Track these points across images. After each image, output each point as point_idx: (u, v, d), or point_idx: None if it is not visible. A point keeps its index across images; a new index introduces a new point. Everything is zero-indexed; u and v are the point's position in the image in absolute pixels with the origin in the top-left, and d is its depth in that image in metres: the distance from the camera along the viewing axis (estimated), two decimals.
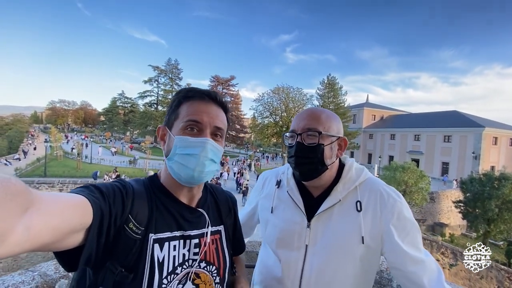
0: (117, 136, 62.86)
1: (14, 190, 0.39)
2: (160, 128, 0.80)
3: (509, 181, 16.52)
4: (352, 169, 1.01)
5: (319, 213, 0.95)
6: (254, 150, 49.39)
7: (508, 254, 17.06)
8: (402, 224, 0.89)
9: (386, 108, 51.45)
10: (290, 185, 1.05)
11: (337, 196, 0.95)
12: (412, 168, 19.28)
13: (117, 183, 0.70)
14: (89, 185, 0.62)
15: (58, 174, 20.83)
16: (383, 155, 40.50)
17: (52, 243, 0.48)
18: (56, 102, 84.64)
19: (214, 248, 0.81)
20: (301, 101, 37.72)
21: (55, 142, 33.48)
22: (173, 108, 0.78)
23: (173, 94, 30.53)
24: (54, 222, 0.46)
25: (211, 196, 0.90)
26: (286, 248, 0.98)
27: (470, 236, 22.38)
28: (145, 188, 0.75)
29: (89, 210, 0.55)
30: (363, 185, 0.97)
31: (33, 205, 0.42)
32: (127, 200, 0.67)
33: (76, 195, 0.55)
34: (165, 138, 0.79)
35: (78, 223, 0.52)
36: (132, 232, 0.65)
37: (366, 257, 0.90)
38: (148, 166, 25.89)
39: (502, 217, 16.80)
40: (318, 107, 1.03)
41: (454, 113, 38.18)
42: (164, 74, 52.05)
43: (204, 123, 0.74)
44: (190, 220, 0.78)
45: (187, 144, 0.73)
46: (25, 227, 0.41)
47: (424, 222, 22.04)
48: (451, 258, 14.61)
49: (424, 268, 0.85)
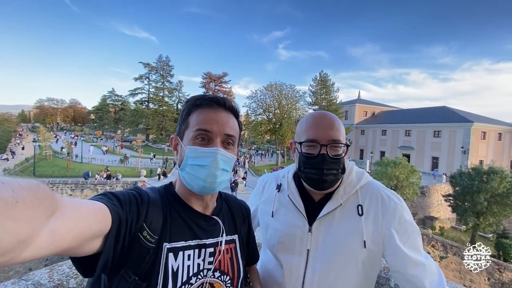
0: (108, 134, 61.84)
1: (42, 194, 0.40)
2: (173, 138, 0.80)
3: (497, 175, 16.96)
4: (352, 172, 1.01)
5: (320, 217, 0.94)
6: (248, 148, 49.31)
7: (497, 246, 17.61)
8: (403, 228, 0.89)
9: (377, 104, 52.02)
10: (290, 188, 1.04)
11: (338, 200, 0.94)
12: (403, 163, 19.60)
13: (133, 191, 0.70)
14: (107, 192, 0.63)
15: (47, 174, 20.40)
16: (375, 151, 41.07)
17: (74, 247, 0.49)
18: (44, 101, 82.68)
19: (229, 258, 0.80)
20: (294, 98, 37.89)
21: (44, 141, 32.82)
22: (183, 117, 0.78)
23: (164, 91, 30.48)
24: (77, 227, 0.48)
25: (225, 205, 0.90)
26: (287, 253, 0.97)
27: (460, 229, 22.99)
28: (160, 196, 0.75)
29: (108, 217, 0.56)
30: (363, 189, 0.97)
31: (58, 209, 0.44)
32: (142, 208, 0.67)
33: (96, 202, 0.57)
34: (178, 148, 0.79)
35: (98, 229, 0.54)
36: (146, 241, 0.65)
37: (368, 261, 0.90)
38: (140, 164, 25.59)
39: (491, 210, 17.26)
40: (329, 113, 1.00)
41: (444, 108, 38.90)
42: (155, 71, 51.32)
43: (214, 132, 0.73)
44: (205, 228, 0.77)
45: (197, 154, 0.72)
46: (50, 230, 0.42)
47: (415, 216, 22.49)
48: (441, 250, 14.99)
49: (425, 271, 0.85)
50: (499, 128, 34.12)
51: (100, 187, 17.85)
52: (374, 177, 9.80)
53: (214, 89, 52.03)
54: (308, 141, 0.93)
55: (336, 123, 0.94)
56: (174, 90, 52.77)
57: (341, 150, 0.93)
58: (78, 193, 17.42)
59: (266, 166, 32.85)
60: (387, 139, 41.39)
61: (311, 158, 0.92)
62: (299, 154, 0.97)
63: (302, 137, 0.95)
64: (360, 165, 26.89)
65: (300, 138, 0.97)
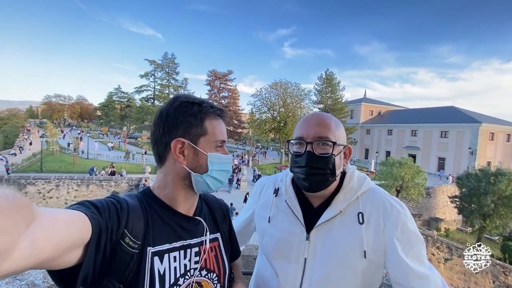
0: (114, 131, 62.44)
1: (19, 203, 0.39)
2: (179, 141, 0.74)
3: (505, 177, 16.67)
4: (353, 177, 0.96)
5: (319, 224, 0.90)
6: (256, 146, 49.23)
7: (503, 249, 17.33)
8: (406, 238, 0.84)
9: (383, 103, 51.50)
10: (288, 193, 0.99)
11: (338, 207, 0.90)
12: (409, 163, 19.38)
13: (111, 198, 0.69)
14: (84, 201, 0.63)
15: (54, 170, 20.72)
16: (380, 151, 40.70)
17: (53, 258, 0.48)
18: (52, 97, 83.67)
19: (214, 256, 0.82)
20: (299, 96, 37.64)
21: (51, 137, 33.24)
22: (197, 122, 0.76)
23: (169, 88, 30.54)
24: (57, 236, 0.46)
25: (205, 205, 0.91)
26: (283, 260, 0.94)
27: (466, 231, 22.70)
28: (139, 202, 0.75)
29: (88, 225, 0.55)
30: (365, 195, 0.92)
31: (36, 218, 0.42)
32: (122, 215, 0.66)
33: (74, 211, 0.55)
34: (187, 153, 0.75)
35: (78, 238, 0.52)
36: (129, 247, 0.65)
37: (369, 271, 0.86)
38: (145, 162, 25.80)
39: (497, 212, 17.01)
40: (324, 113, 0.98)
41: (451, 108, 38.35)
42: (161, 69, 51.42)
43: (226, 140, 0.83)
44: (188, 229, 0.78)
45: (223, 161, 0.80)
46: (30, 240, 0.40)
47: (420, 217, 22.28)
48: (446, 252, 14.81)
49: (429, 284, 0.81)
50: (508, 129, 33.49)
51: (105, 183, 18.07)
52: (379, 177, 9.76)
53: (219, 86, 52.09)
54: (295, 139, 0.94)
55: (326, 121, 0.92)
56: (180, 88, 52.86)
57: (330, 149, 0.89)
58: (84, 189, 17.67)
59: (270, 165, 32.85)
60: (393, 139, 40.96)
61: (298, 156, 0.92)
62: (291, 154, 0.97)
63: (293, 137, 0.96)
64: (365, 165, 26.79)
65: (292, 138, 0.97)
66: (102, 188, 17.98)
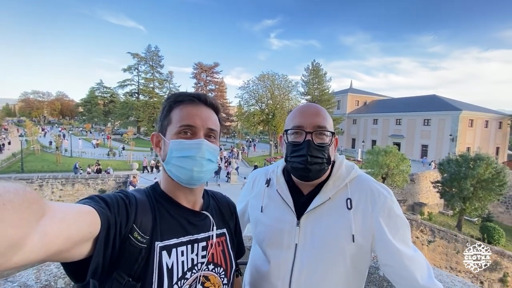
0: (98, 128, 60.55)
1: (30, 198, 0.40)
2: (154, 135, 0.81)
3: (483, 162, 17.48)
4: (342, 166, 0.99)
5: (309, 211, 0.93)
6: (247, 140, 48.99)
7: (482, 229, 18.31)
8: (393, 221, 0.89)
9: (369, 93, 52.32)
10: (279, 183, 1.02)
11: (327, 194, 0.93)
12: (394, 151, 19.93)
13: (120, 193, 0.71)
14: (94, 196, 0.64)
15: (36, 170, 19.97)
16: (366, 140, 41.57)
17: (64, 251, 0.49)
18: (29, 93, 79.93)
19: (221, 250, 0.83)
20: (287, 88, 37.63)
21: (31, 135, 31.90)
22: (164, 113, 0.79)
23: (154, 82, 29.81)
24: (67, 230, 0.47)
25: (213, 200, 0.92)
26: (275, 248, 0.97)
27: (447, 214, 23.78)
28: (147, 197, 0.76)
29: (97, 220, 0.56)
30: (353, 182, 0.96)
31: (46, 212, 0.43)
32: (131, 210, 0.68)
33: (83, 205, 0.57)
34: (160, 144, 0.80)
35: (88, 231, 0.54)
36: (137, 241, 0.66)
37: (357, 255, 0.90)
38: (132, 158, 25.28)
39: (476, 195, 17.88)
40: (316, 104, 1.01)
41: (433, 97, 39.44)
42: (144, 62, 49.95)
43: (198, 126, 0.76)
44: (195, 224, 0.79)
45: (182, 146, 0.74)
46: (41, 234, 0.41)
47: (404, 202, 23.11)
48: (429, 235, 15.51)
49: (415, 264, 0.86)
50: (486, 115, 34.90)
51: (91, 181, 17.60)
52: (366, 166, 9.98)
53: (205, 79, 51.24)
54: (294, 128, 0.94)
55: (322, 112, 0.95)
56: (165, 81, 51.66)
57: (327, 139, 0.93)
58: (69, 188, 17.15)
59: (259, 157, 32.92)
60: (378, 128, 41.91)
61: (296, 145, 0.93)
62: (286, 144, 0.97)
63: (289, 126, 0.97)
64: (352, 154, 27.21)
65: (287, 127, 0.98)
66: (88, 187, 17.52)
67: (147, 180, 19.03)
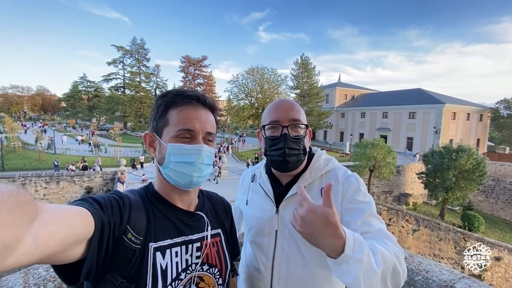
0: (83, 123, 58.71)
1: (23, 199, 0.39)
2: (148, 134, 0.79)
3: (465, 153, 18.20)
4: (320, 159, 1.05)
5: (286, 198, 0.99)
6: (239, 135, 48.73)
7: (463, 217, 19.18)
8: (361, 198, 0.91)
9: (357, 87, 53.02)
10: (262, 177, 1.10)
11: (303, 183, 0.98)
12: (381, 144, 20.43)
13: (114, 195, 0.70)
14: (87, 197, 0.63)
15: (18, 168, 19.23)
16: (354, 133, 42.32)
17: (57, 253, 0.48)
18: (8, 88, 76.00)
19: (215, 251, 0.84)
20: (276, 82, 37.54)
21: (11, 132, 30.62)
22: (160, 113, 0.76)
23: (140, 76, 28.99)
24: (61, 232, 0.47)
25: (208, 201, 0.93)
26: (259, 236, 1.04)
27: (431, 203, 24.73)
28: (141, 198, 0.76)
29: (91, 221, 0.56)
30: (329, 174, 1.01)
31: (39, 214, 0.43)
32: (125, 211, 0.67)
33: (77, 207, 0.56)
34: (155, 145, 0.78)
35: (81, 233, 0.53)
36: (131, 242, 0.66)
37: None
38: (119, 154, 24.74)
39: (458, 185, 18.67)
40: (288, 99, 1.07)
41: (418, 90, 40.42)
42: (130, 55, 48.47)
43: (197, 130, 0.75)
44: (189, 224, 0.79)
45: (182, 151, 0.73)
46: (34, 236, 0.41)
47: (391, 193, 23.82)
48: (414, 224, 16.11)
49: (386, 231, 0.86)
50: (468, 108, 36.15)
51: (77, 179, 17.12)
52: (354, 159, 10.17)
53: (193, 73, 50.40)
54: (271, 123, 0.99)
55: (296, 106, 1.01)
56: (151, 75, 50.43)
57: (302, 131, 0.98)
58: (54, 186, 16.64)
59: (249, 152, 32.94)
60: (366, 121, 42.68)
61: (274, 139, 0.98)
62: (264, 139, 1.02)
63: (266, 121, 1.02)
64: (341, 147, 27.50)
65: (264, 123, 1.03)
66: (74, 184, 17.04)
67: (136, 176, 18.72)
